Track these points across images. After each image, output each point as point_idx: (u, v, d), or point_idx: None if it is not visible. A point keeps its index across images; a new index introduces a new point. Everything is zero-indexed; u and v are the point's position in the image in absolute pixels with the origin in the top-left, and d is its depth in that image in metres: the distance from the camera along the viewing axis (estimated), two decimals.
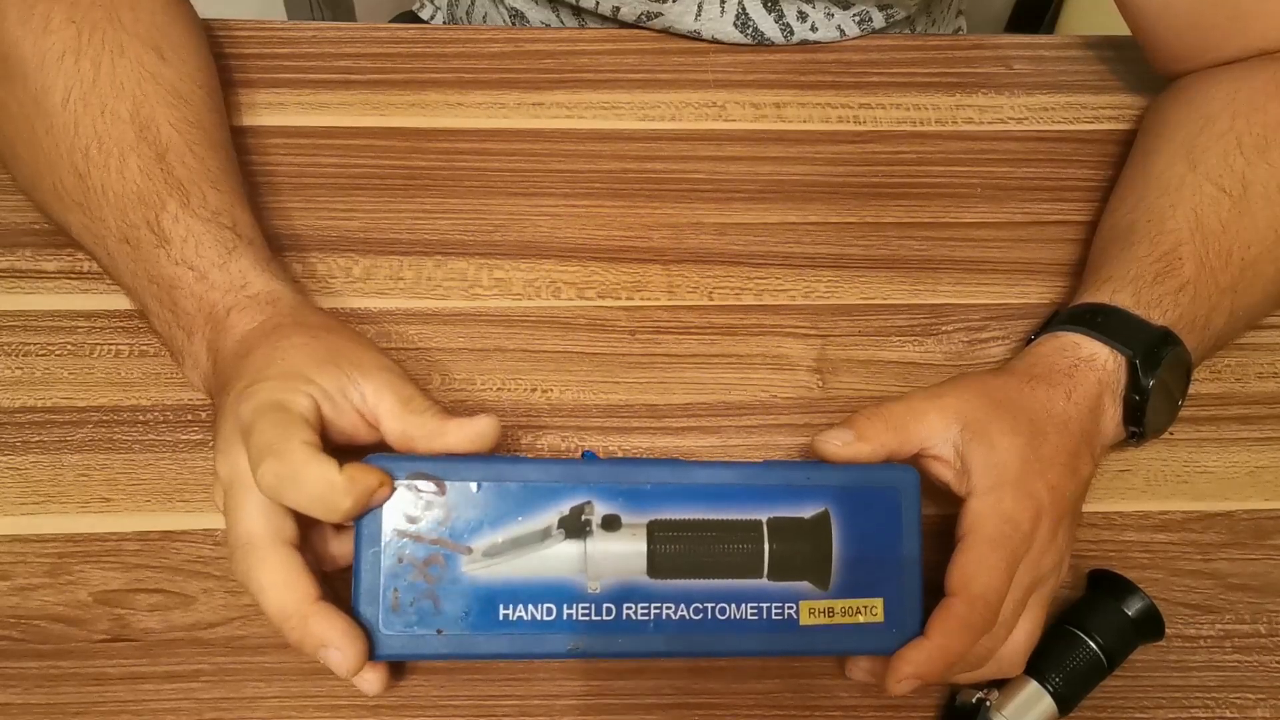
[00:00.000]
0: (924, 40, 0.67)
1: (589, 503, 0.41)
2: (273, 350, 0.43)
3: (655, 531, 0.41)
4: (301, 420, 0.40)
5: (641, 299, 0.55)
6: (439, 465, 0.41)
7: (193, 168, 0.49)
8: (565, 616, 0.40)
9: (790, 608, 0.41)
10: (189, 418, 0.51)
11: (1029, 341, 0.50)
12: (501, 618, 0.40)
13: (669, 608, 0.41)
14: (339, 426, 0.42)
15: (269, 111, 0.60)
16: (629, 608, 0.40)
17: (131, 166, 0.48)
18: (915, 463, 0.45)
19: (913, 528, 0.43)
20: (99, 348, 0.52)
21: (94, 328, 0.53)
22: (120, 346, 0.52)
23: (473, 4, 0.78)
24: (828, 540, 0.42)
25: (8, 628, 0.46)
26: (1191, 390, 0.54)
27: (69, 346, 0.52)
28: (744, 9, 0.63)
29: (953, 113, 0.63)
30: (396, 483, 0.40)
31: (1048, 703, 0.44)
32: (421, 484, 0.40)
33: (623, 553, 0.41)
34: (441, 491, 0.40)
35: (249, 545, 0.39)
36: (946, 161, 0.61)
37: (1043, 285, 0.57)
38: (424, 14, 0.87)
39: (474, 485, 0.40)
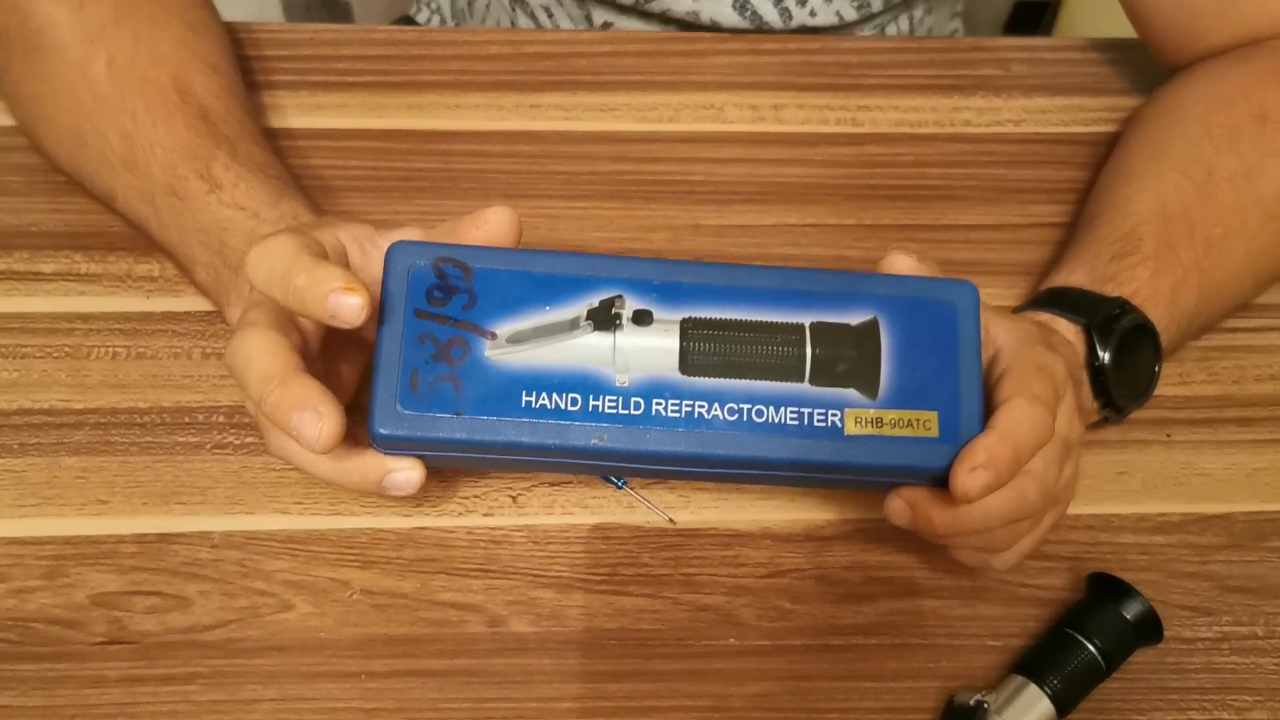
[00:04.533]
0: (922, 42, 0.67)
1: (620, 296, 0.39)
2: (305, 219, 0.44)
3: (688, 329, 0.39)
4: (311, 233, 0.39)
5: None
6: (467, 251, 0.39)
7: (235, 127, 0.51)
8: (591, 408, 0.38)
9: (835, 415, 0.39)
10: (186, 420, 0.51)
11: None
12: (524, 405, 0.38)
13: (701, 406, 0.38)
14: (370, 273, 0.41)
15: (266, 114, 0.59)
16: (659, 403, 0.38)
17: (178, 125, 0.50)
18: None
19: (971, 344, 0.40)
20: (96, 350, 0.52)
21: (91, 330, 0.53)
22: (117, 349, 0.52)
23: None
24: (876, 348, 0.39)
25: (5, 630, 0.46)
26: (1189, 392, 0.55)
27: (66, 349, 0.52)
28: None
29: (950, 115, 0.63)
30: (422, 264, 0.39)
31: (1046, 705, 0.44)
32: (448, 267, 0.39)
33: (654, 348, 0.39)
34: (468, 276, 0.39)
35: (245, 325, 0.39)
36: (944, 163, 0.61)
37: None
38: (420, 18, 0.87)
39: (501, 272, 0.39)
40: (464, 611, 0.48)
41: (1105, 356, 0.47)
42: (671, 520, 0.50)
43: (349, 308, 0.36)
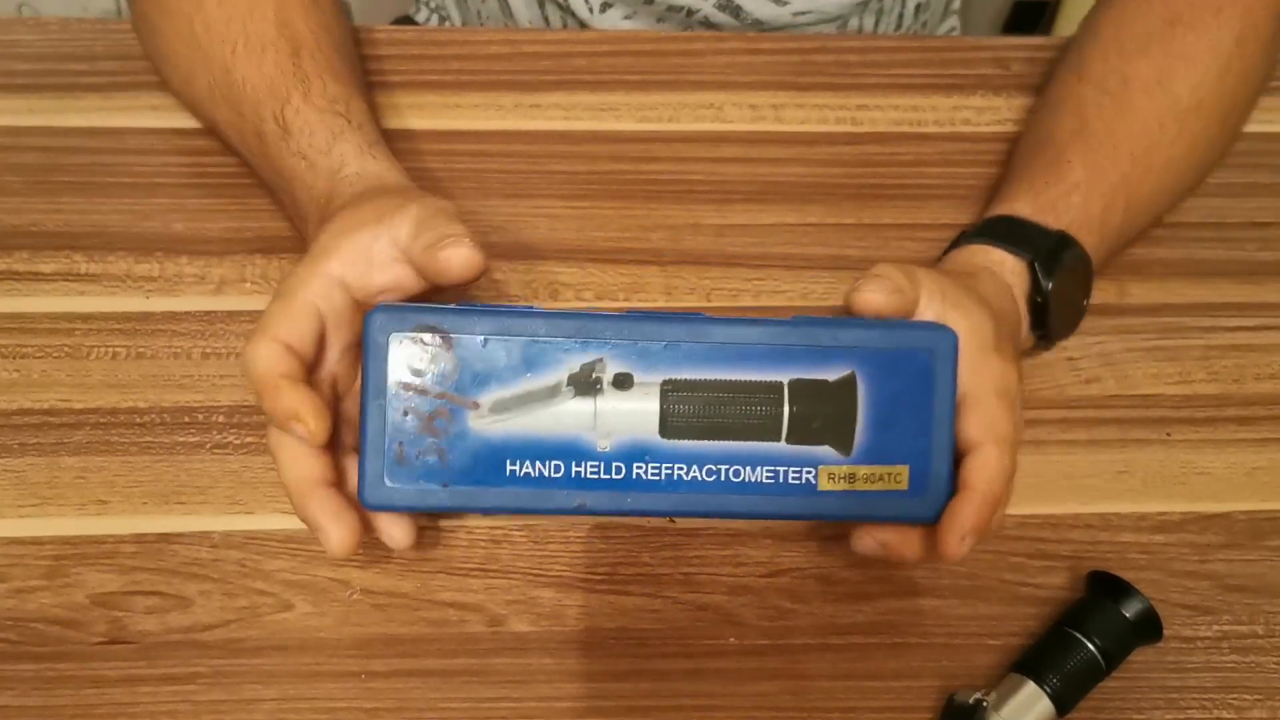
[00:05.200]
0: (921, 41, 0.67)
1: (600, 360, 0.40)
2: (319, 232, 0.44)
3: (668, 391, 0.40)
4: (298, 312, 0.40)
5: (639, 300, 0.55)
6: (445, 317, 0.39)
7: (319, 62, 0.52)
8: (574, 474, 0.39)
9: (809, 472, 0.40)
10: (186, 420, 0.51)
11: (937, 261, 0.52)
12: (509, 474, 0.39)
13: (680, 468, 0.40)
14: (377, 285, 0.42)
15: None
16: (639, 467, 0.39)
17: (269, 61, 0.51)
18: None
19: (946, 393, 0.41)
20: (96, 350, 0.52)
21: (91, 330, 0.53)
22: (117, 349, 0.52)
23: None
24: (852, 404, 0.40)
25: (5, 630, 0.46)
26: (1189, 391, 0.55)
27: (66, 349, 0.52)
28: None
29: (950, 114, 0.63)
30: (401, 334, 0.39)
31: (1045, 704, 0.44)
32: (427, 337, 0.39)
33: (634, 411, 0.39)
34: (448, 345, 0.39)
35: (271, 427, 0.41)
36: (944, 163, 0.61)
37: None
38: (419, 17, 0.87)
39: (481, 339, 0.39)
40: (464, 611, 0.48)
41: (1049, 288, 0.49)
42: (671, 519, 0.50)
43: (303, 436, 0.39)
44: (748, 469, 0.40)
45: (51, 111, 0.59)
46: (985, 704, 0.44)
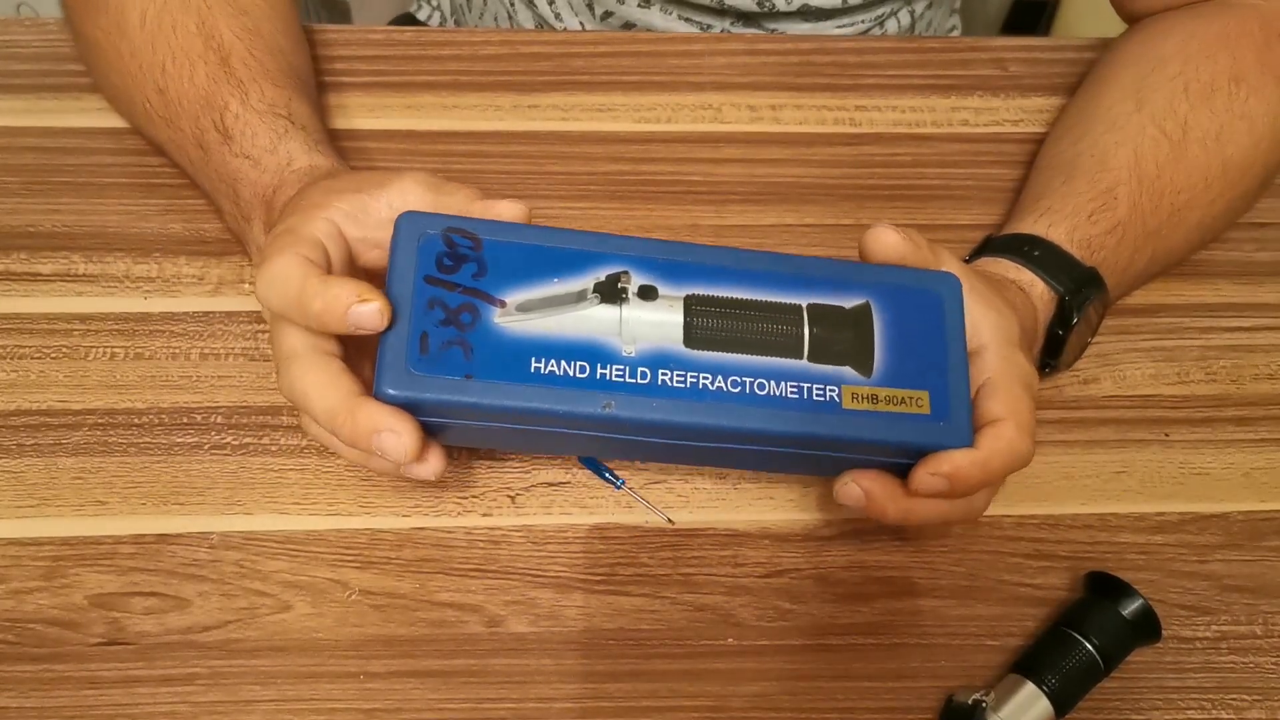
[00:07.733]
0: (919, 42, 0.67)
1: (626, 272, 0.40)
2: (299, 197, 0.44)
3: (692, 305, 0.40)
4: (308, 239, 0.40)
5: None
6: (476, 223, 0.40)
7: (252, 68, 0.51)
8: (599, 375, 0.39)
9: (833, 390, 0.40)
10: (184, 420, 0.51)
11: (966, 262, 0.51)
12: (534, 370, 0.39)
13: (706, 378, 0.40)
14: (373, 239, 0.42)
15: None
16: (665, 374, 0.39)
17: (200, 74, 0.51)
18: None
19: (957, 332, 0.42)
20: (94, 350, 0.52)
21: (89, 330, 0.52)
22: (115, 349, 0.52)
23: None
24: (869, 329, 0.41)
25: (3, 631, 0.46)
26: (1187, 392, 0.55)
27: (64, 349, 0.52)
28: None
29: (948, 115, 0.63)
30: (432, 233, 0.40)
31: (1044, 704, 0.44)
32: (457, 238, 0.40)
33: (659, 321, 0.40)
34: (477, 247, 0.40)
35: (291, 358, 0.39)
36: (942, 164, 0.61)
37: None
38: (421, 15, 0.87)
39: (510, 244, 0.40)
40: (462, 612, 0.48)
41: (1074, 322, 0.49)
42: (670, 520, 0.50)
43: (368, 316, 0.37)
44: (772, 383, 0.40)
45: (50, 112, 0.59)
46: (984, 704, 0.44)
